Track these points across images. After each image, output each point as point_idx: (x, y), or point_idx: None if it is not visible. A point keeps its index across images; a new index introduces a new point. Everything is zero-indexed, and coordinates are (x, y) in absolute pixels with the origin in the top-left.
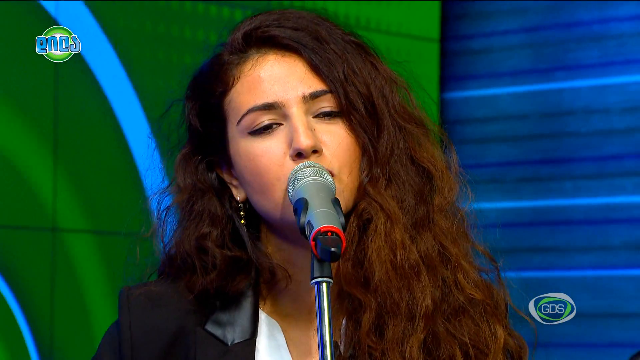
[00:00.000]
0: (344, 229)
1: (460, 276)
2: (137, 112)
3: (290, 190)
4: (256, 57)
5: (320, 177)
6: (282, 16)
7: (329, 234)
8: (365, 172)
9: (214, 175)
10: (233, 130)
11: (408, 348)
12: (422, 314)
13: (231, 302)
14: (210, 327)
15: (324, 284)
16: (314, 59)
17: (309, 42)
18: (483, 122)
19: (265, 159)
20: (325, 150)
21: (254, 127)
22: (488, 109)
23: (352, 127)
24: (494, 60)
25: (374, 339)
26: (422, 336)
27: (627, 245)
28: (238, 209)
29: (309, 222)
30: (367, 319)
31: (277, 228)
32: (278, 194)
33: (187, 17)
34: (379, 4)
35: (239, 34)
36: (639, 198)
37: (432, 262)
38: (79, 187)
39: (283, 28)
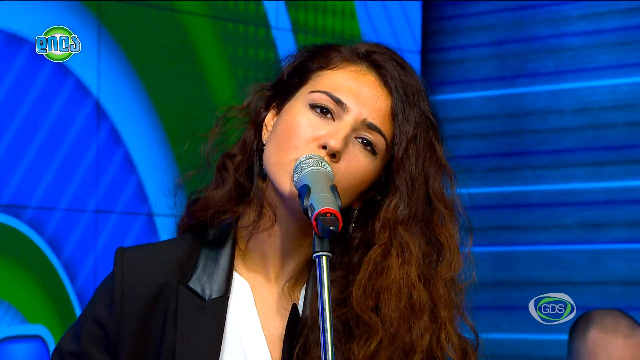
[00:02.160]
0: (341, 210)
1: (442, 336)
2: None
3: (295, 177)
4: (362, 69)
5: (321, 166)
6: (402, 63)
7: (328, 215)
8: (359, 199)
9: (266, 113)
10: (302, 94)
11: None
12: (420, 348)
13: (211, 261)
14: (192, 284)
15: (324, 257)
16: (397, 106)
17: (402, 94)
18: (457, 121)
19: (303, 129)
20: (341, 162)
21: (316, 103)
22: (461, 110)
23: (375, 168)
24: (466, 69)
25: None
26: None
27: (578, 224)
28: (261, 151)
29: (311, 205)
30: (373, 342)
31: (270, 182)
32: (287, 158)
33: None
34: (370, 22)
35: (365, 47)
36: (589, 185)
37: (427, 311)
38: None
39: (395, 70)
